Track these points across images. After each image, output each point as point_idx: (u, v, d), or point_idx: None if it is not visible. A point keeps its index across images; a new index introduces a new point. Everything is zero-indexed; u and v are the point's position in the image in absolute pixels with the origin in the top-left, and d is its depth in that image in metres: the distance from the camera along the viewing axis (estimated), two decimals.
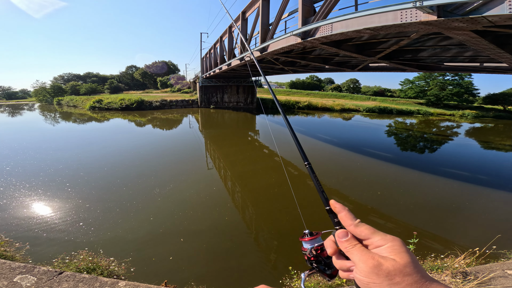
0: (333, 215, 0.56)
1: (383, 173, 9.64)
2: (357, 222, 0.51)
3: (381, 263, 0.42)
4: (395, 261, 0.42)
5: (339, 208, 0.54)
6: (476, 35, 3.72)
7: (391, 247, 0.44)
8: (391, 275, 0.40)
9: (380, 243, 0.46)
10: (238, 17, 11.47)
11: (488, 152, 14.69)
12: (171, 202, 6.43)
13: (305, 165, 0.70)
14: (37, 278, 2.01)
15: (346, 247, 0.49)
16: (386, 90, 57.69)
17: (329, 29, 5.40)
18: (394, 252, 0.43)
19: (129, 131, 17.53)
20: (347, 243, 0.49)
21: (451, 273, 2.53)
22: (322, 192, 0.61)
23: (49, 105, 40.97)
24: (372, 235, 0.47)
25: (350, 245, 0.49)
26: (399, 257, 0.42)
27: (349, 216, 0.52)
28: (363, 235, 0.49)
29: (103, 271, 2.59)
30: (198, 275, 3.96)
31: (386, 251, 0.44)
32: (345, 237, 0.50)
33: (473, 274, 2.53)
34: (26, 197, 6.51)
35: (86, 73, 60.13)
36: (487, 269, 2.63)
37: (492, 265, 2.79)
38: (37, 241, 4.62)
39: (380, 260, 0.43)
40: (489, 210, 6.66)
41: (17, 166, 9.07)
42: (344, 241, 0.50)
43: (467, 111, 34.26)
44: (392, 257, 0.43)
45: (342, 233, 0.51)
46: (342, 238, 0.50)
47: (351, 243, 0.49)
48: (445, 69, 8.51)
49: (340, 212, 0.54)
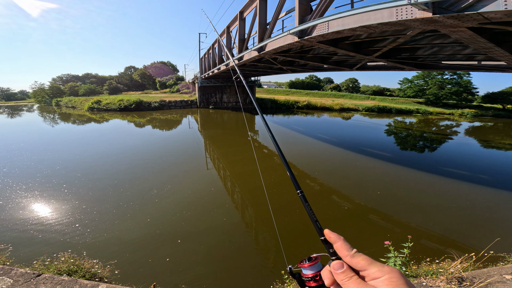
0: (328, 245, 0.54)
1: (383, 173, 9.61)
2: (353, 253, 0.49)
3: None
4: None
5: (334, 238, 0.53)
6: (472, 33, 3.66)
7: (389, 279, 0.43)
8: None
9: (377, 275, 0.44)
10: (236, 17, 11.43)
11: (488, 151, 14.64)
12: (168, 203, 6.39)
13: (297, 193, 0.68)
14: (14, 280, 1.95)
15: (342, 279, 0.47)
16: (385, 89, 57.67)
17: (325, 27, 5.35)
18: (392, 285, 0.42)
19: (128, 132, 17.48)
20: (342, 275, 0.48)
21: (446, 279, 2.45)
22: (316, 221, 0.60)
23: (48, 106, 40.92)
24: (369, 266, 0.46)
25: (346, 278, 0.47)
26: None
27: (344, 246, 0.51)
28: (360, 266, 0.47)
29: (85, 274, 2.52)
30: (194, 276, 3.92)
31: (383, 284, 0.43)
32: (340, 268, 0.49)
33: (469, 280, 2.45)
34: (22, 198, 6.47)
35: (85, 74, 60.12)
36: (484, 274, 2.56)
37: (490, 270, 2.72)
38: (29, 242, 4.56)
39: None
40: (490, 211, 6.60)
41: (14, 167, 9.03)
42: (339, 273, 0.48)
43: (466, 110, 34.23)
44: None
45: (338, 265, 0.49)
46: (337, 270, 0.49)
47: (347, 275, 0.47)
48: (443, 68, 8.46)
49: (335, 242, 0.52)
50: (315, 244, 4.64)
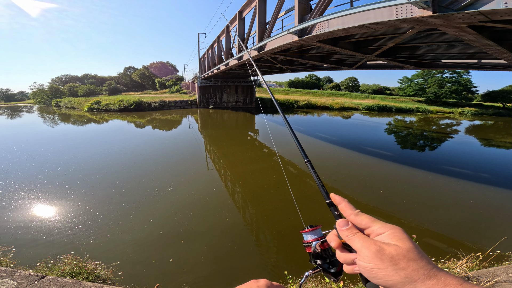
0: (334, 207, 0.57)
1: (385, 172, 9.60)
2: (357, 212, 0.52)
3: (383, 248, 0.42)
4: (397, 246, 0.41)
5: (338, 200, 0.56)
6: (472, 31, 3.66)
7: (392, 234, 0.44)
8: (395, 259, 0.40)
9: (381, 230, 0.46)
10: (235, 17, 11.41)
11: (489, 149, 14.64)
12: (171, 204, 6.38)
13: (305, 162, 0.74)
14: (18, 283, 1.95)
15: (347, 235, 0.49)
16: (385, 88, 57.64)
17: (325, 26, 5.35)
18: (395, 239, 0.43)
19: (128, 132, 17.48)
20: (348, 231, 0.49)
21: None
22: (322, 186, 0.64)
23: (47, 107, 40.90)
24: (372, 223, 0.48)
25: (351, 233, 0.48)
26: (401, 243, 0.42)
27: (348, 206, 0.53)
28: (364, 223, 0.49)
29: (89, 275, 2.53)
30: (198, 277, 3.91)
31: (387, 238, 0.44)
32: (346, 225, 0.50)
33: (476, 279, 2.43)
34: (25, 199, 6.46)
35: (84, 75, 60.06)
36: (491, 273, 2.53)
37: (496, 269, 2.69)
38: (32, 243, 4.57)
39: (382, 245, 0.42)
40: (494, 209, 6.58)
41: (16, 168, 9.02)
42: (345, 230, 0.50)
43: (466, 109, 34.21)
44: (394, 242, 0.42)
45: (343, 222, 0.51)
46: (343, 227, 0.50)
47: (352, 231, 0.49)
48: (442, 66, 8.45)
49: (340, 203, 0.55)
50: None
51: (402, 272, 0.39)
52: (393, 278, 0.39)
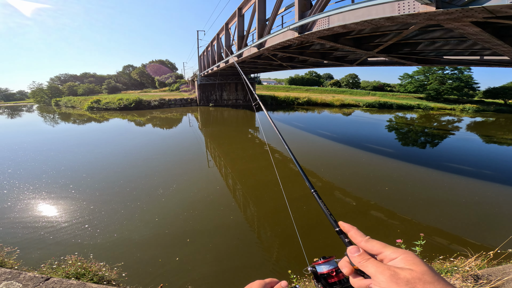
0: (344, 235, 0.58)
1: (388, 169, 9.61)
2: (367, 238, 0.53)
3: (398, 272, 0.42)
4: (412, 270, 0.42)
5: (348, 228, 0.57)
6: (476, 27, 3.60)
7: (405, 258, 0.44)
8: (411, 283, 0.40)
9: (393, 256, 0.46)
10: (235, 14, 11.28)
11: (490, 146, 14.60)
12: (175, 203, 6.40)
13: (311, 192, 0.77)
14: (23, 285, 1.96)
15: (359, 261, 0.49)
16: (385, 85, 57.29)
17: (326, 22, 5.28)
18: (409, 263, 0.43)
19: (128, 131, 17.47)
20: (359, 257, 0.50)
21: (462, 277, 2.41)
22: (330, 215, 0.65)
23: (47, 106, 40.84)
24: (384, 249, 0.48)
25: (363, 260, 0.49)
26: (415, 267, 0.42)
27: (358, 233, 0.54)
28: (375, 249, 0.50)
29: (93, 277, 2.54)
30: (204, 275, 3.93)
31: (401, 263, 0.44)
32: (357, 252, 0.51)
33: (486, 278, 2.41)
34: (30, 199, 6.47)
35: (83, 74, 59.80)
36: (500, 272, 2.50)
37: (505, 267, 2.65)
38: (37, 244, 4.58)
39: (396, 269, 0.43)
40: (499, 206, 6.56)
41: (19, 168, 9.02)
42: (357, 256, 0.50)
43: (467, 105, 34.01)
44: (408, 267, 0.43)
45: (354, 249, 0.52)
46: (354, 253, 0.51)
47: (364, 257, 0.49)
48: (444, 63, 8.37)
49: (349, 230, 0.56)
50: (328, 242, 4.66)
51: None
52: None
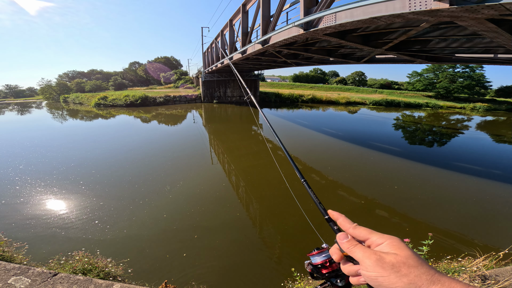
0: (333, 223, 0.60)
1: (397, 167, 9.51)
2: (354, 225, 0.55)
3: (383, 256, 0.44)
4: (396, 254, 0.44)
5: (336, 215, 0.59)
6: (492, 24, 3.44)
7: (390, 243, 0.47)
8: (396, 266, 0.42)
9: (379, 241, 0.48)
10: (239, 10, 11.15)
11: (501, 146, 14.17)
12: (182, 199, 6.47)
13: (301, 182, 0.79)
14: (31, 280, 2.02)
15: (348, 247, 0.51)
16: (393, 82, 55.99)
17: (332, 19, 5.15)
18: (394, 248, 0.46)
19: (135, 128, 17.68)
20: (348, 243, 0.51)
21: (469, 277, 2.40)
22: (319, 203, 0.68)
23: (56, 102, 41.66)
24: (370, 235, 0.51)
25: (351, 245, 0.51)
26: (399, 251, 0.44)
27: (346, 220, 0.57)
28: (362, 235, 0.52)
29: (100, 273, 2.60)
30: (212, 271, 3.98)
31: (386, 248, 0.46)
32: (345, 238, 0.53)
33: (493, 278, 2.38)
34: (42, 195, 6.61)
35: (90, 70, 60.60)
36: (508, 272, 2.48)
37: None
38: (45, 240, 4.71)
39: (382, 254, 0.45)
40: (510, 205, 6.44)
41: (30, 164, 9.21)
42: (345, 242, 0.52)
43: (478, 104, 32.97)
44: (393, 251, 0.45)
45: (343, 235, 0.54)
46: (343, 239, 0.53)
47: (352, 243, 0.51)
48: (456, 61, 8.09)
49: (338, 218, 0.58)
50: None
51: (405, 279, 0.40)
52: (397, 285, 0.40)
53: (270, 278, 3.91)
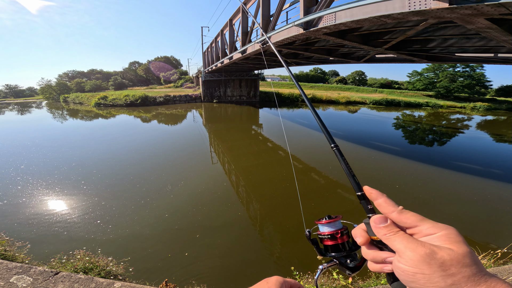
0: (366, 201, 0.50)
1: (398, 166, 9.55)
2: (400, 208, 0.44)
3: (435, 251, 0.36)
4: (452, 250, 0.36)
5: (376, 194, 0.48)
6: (491, 24, 3.44)
7: (446, 235, 0.38)
8: (446, 265, 0.35)
9: (431, 231, 0.40)
10: (239, 10, 11.15)
11: (501, 145, 14.17)
12: (184, 199, 6.49)
13: (331, 147, 0.65)
14: (33, 279, 2.04)
15: (385, 233, 0.43)
16: (393, 82, 55.94)
17: (332, 18, 5.15)
18: (449, 241, 0.37)
19: (135, 127, 17.70)
20: (386, 229, 0.43)
21: None
22: (353, 176, 0.56)
23: (56, 102, 41.68)
24: (421, 222, 0.41)
25: (390, 232, 0.42)
26: (456, 247, 0.37)
27: (390, 202, 0.46)
28: (409, 222, 0.42)
29: (101, 271, 2.62)
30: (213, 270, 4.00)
31: (439, 240, 0.38)
32: (383, 222, 0.44)
33: None
34: (44, 195, 6.63)
35: (90, 70, 60.58)
36: (506, 271, 2.49)
37: (511, 267, 2.64)
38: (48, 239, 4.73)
39: (433, 248, 0.37)
40: (510, 204, 6.47)
41: (32, 164, 9.22)
42: (382, 227, 0.43)
43: (478, 104, 32.95)
44: (448, 246, 0.37)
45: (380, 219, 0.44)
46: (380, 223, 0.44)
47: (391, 229, 0.42)
48: (456, 60, 8.09)
49: (377, 198, 0.47)
50: None
51: (449, 279, 0.34)
52: (437, 284, 0.35)
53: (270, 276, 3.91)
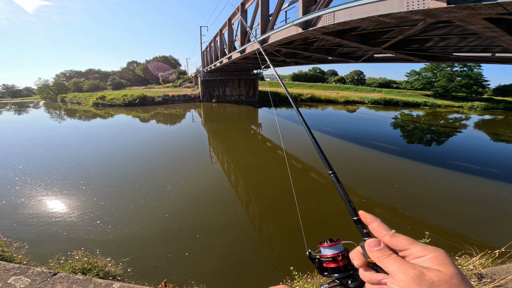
0: (361, 225, 0.53)
1: (397, 166, 9.58)
2: (392, 232, 0.48)
3: (424, 273, 0.38)
4: (440, 271, 0.38)
5: (370, 219, 0.51)
6: (489, 24, 3.46)
7: (435, 257, 0.41)
8: (435, 285, 0.37)
9: (421, 253, 0.42)
10: (237, 9, 11.12)
11: (499, 144, 14.28)
12: (184, 199, 6.48)
13: (329, 174, 0.68)
14: (31, 280, 2.02)
15: (378, 256, 0.45)
16: (391, 81, 56.16)
17: (331, 18, 5.16)
18: (438, 263, 0.40)
19: (134, 127, 17.61)
20: (379, 252, 0.45)
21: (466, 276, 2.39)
22: (349, 202, 0.59)
23: (53, 102, 41.37)
24: (411, 245, 0.44)
25: (383, 255, 0.45)
26: (444, 268, 0.39)
27: (383, 226, 0.49)
28: (401, 245, 0.45)
29: (99, 272, 2.61)
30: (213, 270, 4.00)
31: (428, 262, 0.40)
32: (377, 246, 0.46)
33: (489, 276, 2.40)
34: (43, 196, 6.57)
35: (88, 70, 60.20)
36: (504, 271, 2.50)
37: (510, 266, 2.64)
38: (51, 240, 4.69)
39: (422, 270, 0.39)
40: (509, 204, 6.50)
41: (29, 164, 9.15)
42: (376, 251, 0.46)
43: (476, 103, 33.17)
44: (436, 267, 0.39)
45: (374, 242, 0.47)
46: (374, 247, 0.47)
47: (384, 252, 0.45)
48: (454, 60, 8.13)
49: (372, 222, 0.51)
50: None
51: None
52: None
53: (270, 277, 3.93)
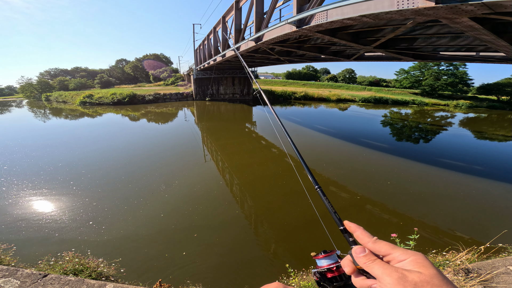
0: (348, 234, 0.57)
1: (389, 164, 9.76)
2: (374, 239, 0.51)
3: (406, 274, 0.41)
4: (420, 273, 0.41)
5: (354, 227, 0.55)
6: (475, 23, 3.61)
7: (414, 260, 0.44)
8: (418, 286, 0.39)
9: (402, 257, 0.45)
10: (232, 7, 11.03)
11: (482, 142, 14.91)
12: (179, 198, 6.39)
13: (315, 188, 0.76)
14: (21, 281, 1.94)
15: (365, 262, 0.48)
16: (381, 80, 57.53)
17: (324, 16, 5.21)
18: (418, 265, 0.43)
19: (123, 126, 17.16)
20: (365, 258, 0.49)
21: (453, 270, 2.46)
22: (334, 213, 0.64)
23: (37, 101, 39.63)
24: (392, 250, 0.47)
25: (369, 260, 0.48)
26: (424, 269, 0.42)
27: (365, 233, 0.53)
28: (383, 251, 0.48)
29: (91, 273, 2.54)
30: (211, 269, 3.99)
31: (409, 265, 0.43)
32: (363, 252, 0.50)
33: (476, 271, 2.46)
34: (31, 196, 6.33)
35: (74, 68, 57.99)
36: (489, 266, 2.58)
37: (495, 261, 2.73)
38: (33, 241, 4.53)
39: (404, 272, 0.42)
40: (493, 200, 6.74)
41: (15, 164, 8.78)
42: (362, 257, 0.49)
43: (461, 101, 34.55)
44: (417, 269, 0.42)
45: (360, 249, 0.51)
46: (359, 253, 0.50)
47: (369, 258, 0.48)
48: (440, 58, 8.42)
49: (355, 230, 0.54)
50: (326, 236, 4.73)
51: None
52: None
53: (266, 274, 3.97)
